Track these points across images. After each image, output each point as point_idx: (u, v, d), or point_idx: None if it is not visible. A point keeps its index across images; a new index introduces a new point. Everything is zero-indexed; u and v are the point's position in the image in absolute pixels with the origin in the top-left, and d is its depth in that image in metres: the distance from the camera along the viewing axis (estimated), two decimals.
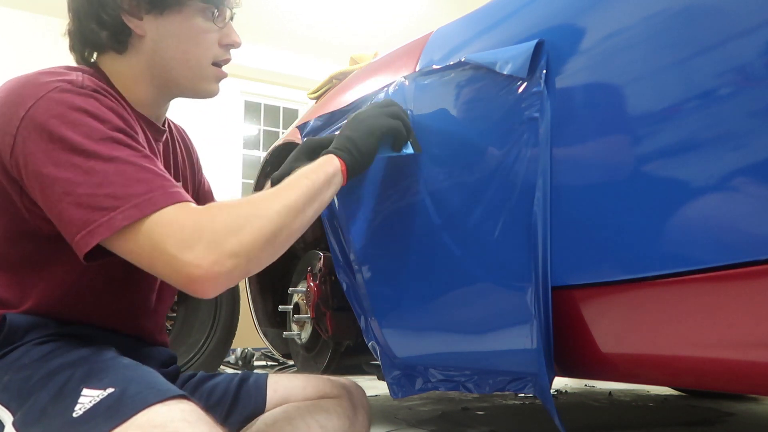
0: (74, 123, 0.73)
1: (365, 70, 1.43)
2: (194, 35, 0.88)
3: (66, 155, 0.72)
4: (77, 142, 0.72)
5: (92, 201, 0.71)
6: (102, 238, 0.71)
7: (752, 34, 0.64)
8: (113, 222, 0.70)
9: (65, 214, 0.72)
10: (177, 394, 0.68)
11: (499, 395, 2.11)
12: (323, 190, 0.86)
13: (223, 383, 1.00)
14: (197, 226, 0.72)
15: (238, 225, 0.73)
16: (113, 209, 0.70)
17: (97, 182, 0.71)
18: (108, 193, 0.71)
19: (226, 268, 0.71)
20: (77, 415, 0.66)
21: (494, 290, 0.95)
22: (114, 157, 0.73)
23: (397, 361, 1.20)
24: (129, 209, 0.71)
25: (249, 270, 0.75)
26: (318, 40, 6.15)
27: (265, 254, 0.77)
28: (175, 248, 0.70)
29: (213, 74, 0.93)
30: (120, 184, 0.72)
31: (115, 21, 0.85)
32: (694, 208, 0.70)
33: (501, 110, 0.91)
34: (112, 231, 0.70)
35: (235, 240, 0.72)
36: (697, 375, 0.80)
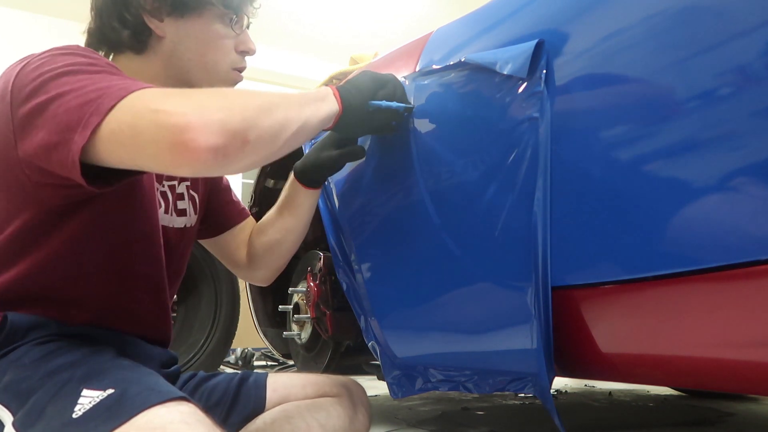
0: (63, 59, 0.74)
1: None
2: (213, 39, 0.90)
3: (54, 81, 0.72)
4: (65, 69, 0.73)
5: (81, 99, 0.69)
6: (97, 120, 0.67)
7: (752, 34, 0.64)
8: (101, 103, 0.68)
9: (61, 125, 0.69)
10: (177, 395, 0.68)
11: (499, 395, 2.11)
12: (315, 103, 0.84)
13: (222, 383, 1.01)
14: (185, 93, 0.70)
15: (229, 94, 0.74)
16: (99, 96, 0.69)
17: (84, 85, 0.71)
18: (95, 88, 0.70)
19: (219, 117, 0.66)
20: (77, 415, 0.66)
21: (494, 290, 0.95)
22: (101, 70, 0.74)
23: (397, 361, 1.20)
24: (116, 90, 0.69)
25: (245, 135, 0.68)
26: (318, 40, 6.15)
27: (263, 124, 0.71)
28: (160, 103, 0.66)
29: (230, 78, 0.94)
30: (106, 80, 0.71)
31: (137, 21, 0.86)
32: (694, 208, 0.70)
33: (501, 110, 0.91)
34: (101, 113, 0.67)
35: (226, 102, 0.70)
36: (697, 375, 0.80)
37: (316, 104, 0.85)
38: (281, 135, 0.75)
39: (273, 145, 0.74)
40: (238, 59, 0.94)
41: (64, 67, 0.73)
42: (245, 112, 0.70)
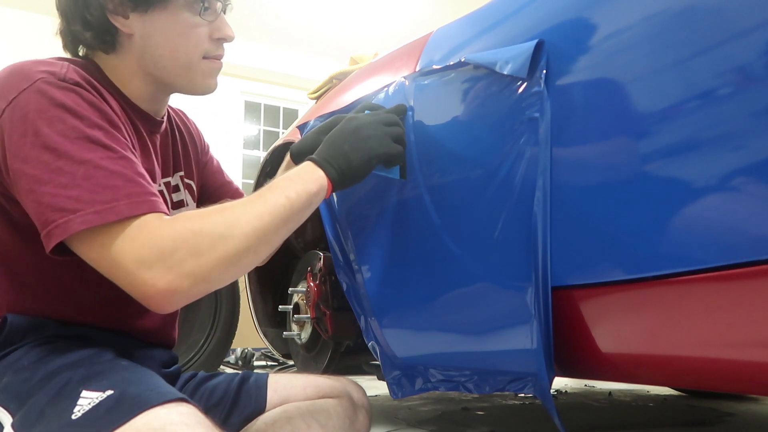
0: (51, 119, 0.72)
1: (365, 70, 1.43)
2: (182, 31, 0.86)
3: (36, 151, 0.71)
4: (49, 139, 0.71)
5: (54, 201, 0.70)
6: (58, 239, 0.70)
7: (752, 34, 0.64)
8: (70, 225, 0.69)
9: (30, 211, 0.72)
10: (176, 396, 0.68)
11: (499, 395, 2.11)
12: (302, 211, 0.83)
13: (223, 383, 1.00)
14: (157, 244, 0.70)
15: (202, 247, 0.71)
16: (73, 212, 0.69)
17: (62, 183, 0.70)
18: (71, 196, 0.70)
19: (183, 288, 0.70)
20: (76, 417, 0.65)
21: (494, 290, 0.95)
22: (86, 159, 0.71)
23: (397, 361, 1.20)
24: (89, 214, 0.69)
25: (208, 289, 0.74)
26: (318, 40, 6.15)
27: (227, 276, 0.74)
28: (132, 265, 0.69)
29: (207, 68, 0.90)
30: (86, 188, 0.70)
31: (100, 21, 0.84)
32: (694, 208, 0.70)
33: (501, 110, 0.91)
34: (68, 233, 0.69)
35: (195, 262, 0.70)
36: (697, 375, 0.80)
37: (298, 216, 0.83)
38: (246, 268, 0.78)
39: (233, 279, 0.77)
40: (213, 47, 0.89)
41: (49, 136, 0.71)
42: (211, 273, 0.72)
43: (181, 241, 0.70)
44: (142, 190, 0.73)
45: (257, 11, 5.33)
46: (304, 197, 0.82)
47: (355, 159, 0.88)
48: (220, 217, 0.74)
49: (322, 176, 0.86)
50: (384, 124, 0.94)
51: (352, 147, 0.89)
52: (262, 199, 0.79)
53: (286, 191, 0.81)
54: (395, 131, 0.95)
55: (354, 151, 0.89)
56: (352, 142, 0.89)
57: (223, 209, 0.76)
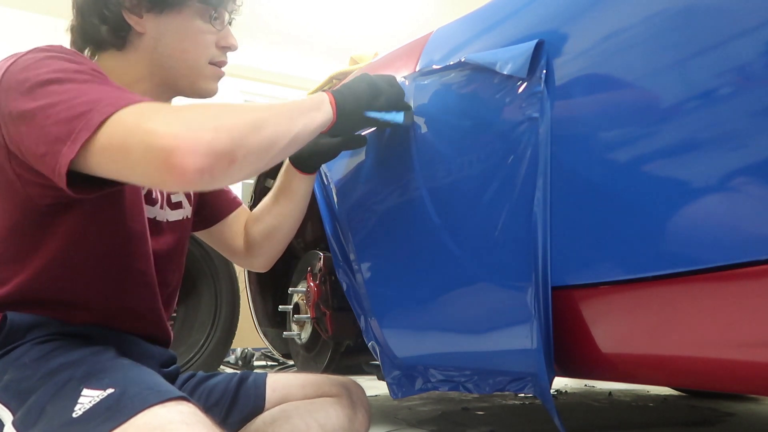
0: (50, 64, 0.75)
1: (365, 70, 1.43)
2: (192, 35, 0.90)
3: (42, 88, 0.72)
4: (52, 76, 0.73)
5: (70, 112, 0.69)
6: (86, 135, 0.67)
7: (752, 34, 0.64)
8: (91, 118, 0.68)
9: (50, 137, 0.70)
10: (176, 395, 0.68)
11: (499, 395, 2.11)
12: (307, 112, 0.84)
13: (222, 383, 1.01)
14: (175, 110, 0.69)
15: (219, 112, 0.71)
16: (89, 110, 0.69)
17: (73, 96, 0.71)
18: (84, 101, 0.70)
19: (206, 139, 0.67)
20: (77, 415, 0.66)
21: (494, 290, 0.95)
22: (89, 80, 0.74)
23: (397, 361, 1.20)
24: (104, 106, 0.69)
25: (233, 155, 0.69)
26: (318, 40, 6.14)
27: (252, 142, 0.71)
28: (150, 123, 0.67)
29: (211, 73, 0.94)
30: (95, 93, 0.71)
31: (116, 17, 0.87)
32: (694, 208, 0.70)
33: (501, 110, 0.91)
34: (92, 126, 0.68)
35: (215, 121, 0.69)
36: (697, 375, 0.80)
37: (309, 114, 0.85)
38: (270, 151, 0.76)
39: (261, 161, 0.75)
40: (219, 54, 0.94)
41: (52, 74, 0.73)
42: (233, 132, 0.70)
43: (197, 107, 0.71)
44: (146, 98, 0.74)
45: (257, 11, 5.33)
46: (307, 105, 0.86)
47: (352, 93, 0.94)
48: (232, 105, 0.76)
49: (324, 96, 0.91)
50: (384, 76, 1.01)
51: (349, 89, 0.95)
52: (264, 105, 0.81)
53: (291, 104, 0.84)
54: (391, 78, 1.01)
55: (350, 88, 0.95)
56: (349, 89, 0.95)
57: None
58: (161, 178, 0.67)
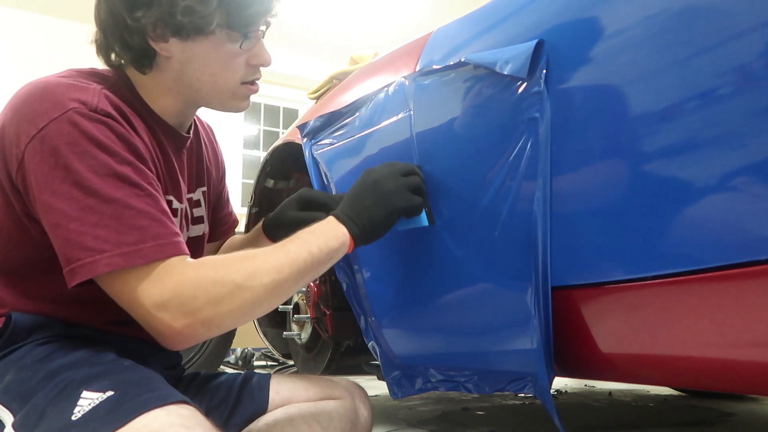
0: (82, 153, 0.73)
1: (365, 70, 1.43)
2: (222, 59, 0.86)
3: (66, 186, 0.72)
4: (80, 176, 0.72)
5: (81, 239, 0.71)
6: (83, 279, 0.71)
7: (752, 34, 0.64)
8: (96, 265, 0.71)
9: (56, 244, 0.74)
10: (177, 399, 0.68)
11: (499, 395, 2.11)
12: (322, 266, 0.84)
13: (225, 384, 1.00)
14: (179, 290, 0.72)
15: (220, 296, 0.74)
16: (99, 252, 0.71)
17: (91, 221, 0.71)
18: (98, 235, 0.71)
19: (198, 333, 0.74)
20: (76, 417, 0.65)
21: (494, 290, 0.95)
22: (114, 198, 0.73)
23: (397, 361, 1.20)
24: (115, 256, 0.71)
25: (220, 332, 0.78)
26: (318, 40, 6.14)
27: (240, 322, 0.78)
28: (152, 306, 0.72)
29: (242, 93, 0.91)
30: (114, 228, 0.72)
31: (140, 45, 0.83)
32: (694, 208, 0.70)
33: (501, 110, 0.91)
34: (93, 274, 0.71)
35: (212, 310, 0.73)
36: (697, 375, 0.80)
37: (326, 265, 0.85)
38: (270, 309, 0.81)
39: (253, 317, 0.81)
40: (251, 72, 0.90)
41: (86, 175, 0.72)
42: (243, 317, 0.77)
43: (202, 290, 0.73)
44: (168, 231, 0.75)
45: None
46: (325, 252, 0.84)
47: (376, 215, 0.90)
48: (242, 266, 0.76)
49: (344, 233, 0.88)
50: (402, 174, 0.95)
51: (374, 202, 0.91)
52: (285, 251, 0.80)
53: (309, 246, 0.82)
54: (414, 181, 0.96)
55: (375, 206, 0.91)
56: (373, 198, 0.91)
57: (246, 258, 0.78)
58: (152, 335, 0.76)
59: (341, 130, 1.28)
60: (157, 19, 0.80)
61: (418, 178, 0.97)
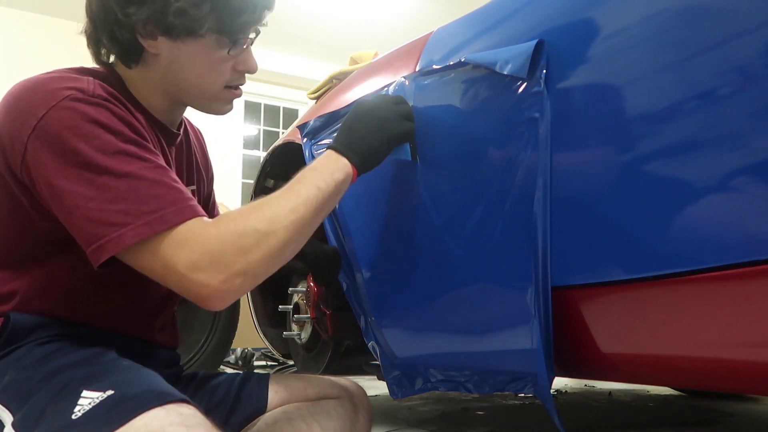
0: (86, 135, 0.73)
1: (365, 70, 1.43)
2: (208, 62, 0.86)
3: (77, 169, 0.72)
4: (89, 156, 0.73)
5: (103, 216, 0.72)
6: (111, 254, 0.72)
7: (752, 34, 0.64)
8: (123, 238, 0.71)
9: (76, 226, 0.73)
10: (177, 398, 0.68)
11: (499, 395, 2.11)
12: (332, 199, 0.86)
13: (224, 383, 1.00)
14: (207, 248, 0.73)
15: (247, 245, 0.74)
16: (124, 225, 0.71)
17: (108, 198, 0.72)
18: (119, 210, 0.72)
19: (235, 286, 0.74)
20: (76, 417, 0.65)
21: (494, 290, 0.95)
22: (126, 172, 0.73)
23: (397, 361, 1.20)
24: (140, 227, 0.71)
25: (257, 282, 0.77)
26: (318, 41, 6.15)
27: (273, 268, 0.79)
28: (185, 268, 0.72)
29: (225, 96, 0.91)
30: (132, 200, 0.72)
31: (129, 39, 0.83)
32: (694, 208, 0.70)
33: (501, 110, 0.91)
34: (121, 247, 0.71)
35: (244, 260, 0.74)
36: (697, 375, 0.80)
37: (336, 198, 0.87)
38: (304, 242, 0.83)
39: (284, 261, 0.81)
40: (236, 77, 0.91)
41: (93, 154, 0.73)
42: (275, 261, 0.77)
43: (228, 243, 0.73)
44: (183, 196, 0.76)
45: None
46: (332, 186, 0.85)
47: (374, 141, 0.92)
48: (260, 214, 0.77)
49: (346, 164, 0.89)
50: (393, 103, 0.98)
51: (369, 129, 0.93)
52: (295, 192, 0.82)
53: (316, 182, 0.84)
54: (405, 109, 0.99)
55: (372, 133, 0.92)
56: (369, 125, 0.93)
57: (261, 206, 0.79)
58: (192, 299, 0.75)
59: None
60: (149, 17, 0.80)
61: (407, 106, 1.00)
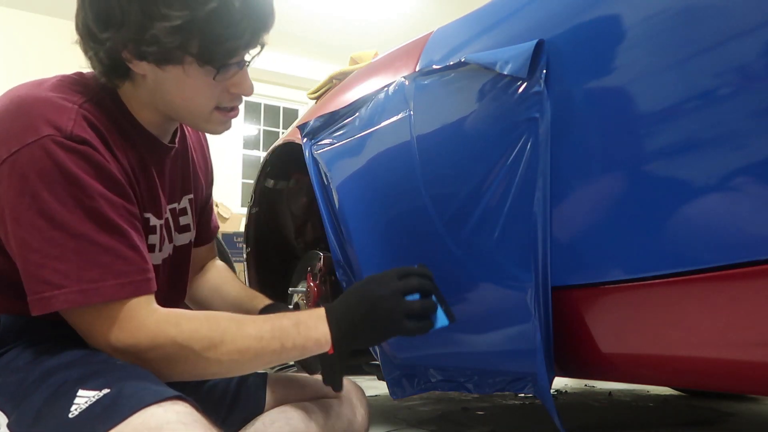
0: (51, 183, 0.71)
1: (365, 70, 1.43)
2: (194, 87, 0.81)
3: (31, 215, 0.71)
4: (48, 206, 0.71)
5: (40, 272, 0.71)
6: (40, 312, 0.71)
7: (752, 34, 0.64)
8: (53, 301, 0.71)
9: (20, 270, 0.73)
10: (174, 395, 0.68)
11: (499, 395, 2.10)
12: (287, 359, 0.83)
13: (222, 383, 1.00)
14: (136, 338, 0.73)
15: (175, 357, 0.74)
16: (58, 287, 0.70)
17: (52, 254, 0.70)
18: (59, 269, 0.70)
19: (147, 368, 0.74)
20: (73, 416, 0.65)
21: (494, 290, 0.95)
22: (80, 233, 0.71)
23: (397, 361, 1.20)
24: (73, 293, 0.71)
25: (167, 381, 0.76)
26: (318, 41, 6.15)
27: (188, 380, 0.80)
28: (107, 347, 0.74)
29: (216, 119, 0.86)
30: (75, 263, 0.71)
31: (111, 61, 0.79)
32: (693, 208, 0.70)
33: (501, 110, 0.91)
34: (50, 309, 0.71)
35: (164, 365, 0.75)
36: (697, 375, 0.80)
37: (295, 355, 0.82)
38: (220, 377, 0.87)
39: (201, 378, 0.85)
40: (229, 98, 0.85)
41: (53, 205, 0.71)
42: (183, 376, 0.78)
43: (159, 346, 0.74)
44: (133, 268, 0.75)
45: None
46: (297, 351, 0.81)
47: (363, 333, 0.83)
48: (207, 333, 0.76)
49: (326, 338, 0.82)
50: (404, 293, 0.84)
51: (365, 320, 0.82)
52: (258, 333, 0.78)
53: (283, 338, 0.79)
54: (416, 306, 0.83)
55: (365, 325, 0.83)
56: (367, 316, 0.82)
57: (216, 325, 0.77)
58: None
59: (341, 130, 1.28)
60: (125, 42, 0.76)
61: (420, 301, 0.85)
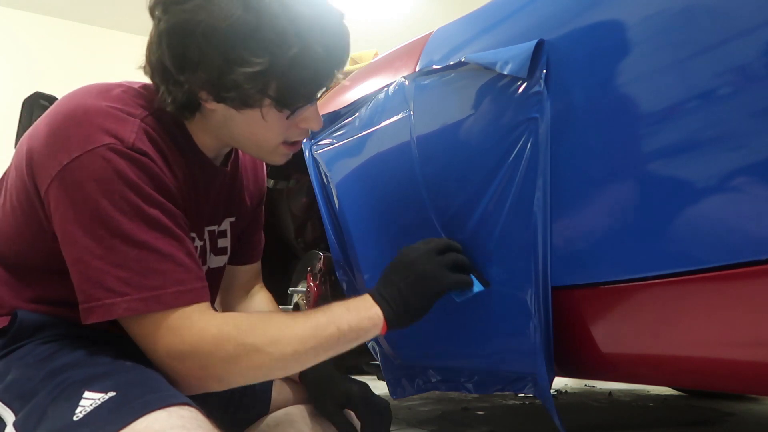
0: (111, 192, 0.71)
1: (365, 70, 1.43)
2: (266, 126, 0.81)
3: (92, 223, 0.71)
4: (108, 214, 0.71)
5: (102, 278, 0.71)
6: (99, 319, 0.71)
7: (752, 34, 0.64)
8: (115, 308, 0.71)
9: (76, 278, 0.73)
10: (179, 400, 0.68)
11: (499, 395, 2.11)
12: (348, 344, 0.81)
13: None
14: (196, 344, 0.72)
15: (238, 356, 0.73)
16: (119, 295, 0.70)
17: (114, 261, 0.71)
18: (121, 276, 0.70)
19: (208, 386, 0.74)
20: (77, 418, 0.65)
21: (494, 290, 0.95)
22: (141, 241, 0.72)
23: (397, 361, 1.20)
24: (135, 301, 0.71)
25: (231, 387, 0.77)
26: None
27: (251, 381, 0.78)
28: (166, 354, 0.72)
29: (282, 152, 0.87)
30: (136, 270, 0.71)
31: (184, 99, 0.79)
32: (694, 208, 0.70)
33: (501, 110, 0.91)
34: (110, 316, 0.71)
35: (227, 369, 0.73)
36: (697, 375, 0.80)
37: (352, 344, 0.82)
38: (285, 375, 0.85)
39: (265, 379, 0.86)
40: (296, 134, 0.86)
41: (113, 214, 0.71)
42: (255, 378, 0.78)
43: (219, 347, 0.73)
44: (191, 276, 0.75)
45: None
46: (354, 332, 0.81)
47: (412, 299, 0.85)
48: (266, 329, 0.75)
49: (378, 314, 0.83)
50: (437, 252, 0.90)
51: (408, 285, 0.86)
52: (313, 322, 0.78)
53: (339, 322, 0.79)
54: (450, 258, 0.90)
55: (410, 289, 0.86)
56: (408, 280, 0.86)
57: (271, 320, 0.77)
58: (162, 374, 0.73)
59: (341, 130, 1.28)
60: (203, 85, 0.76)
61: (454, 254, 0.92)
